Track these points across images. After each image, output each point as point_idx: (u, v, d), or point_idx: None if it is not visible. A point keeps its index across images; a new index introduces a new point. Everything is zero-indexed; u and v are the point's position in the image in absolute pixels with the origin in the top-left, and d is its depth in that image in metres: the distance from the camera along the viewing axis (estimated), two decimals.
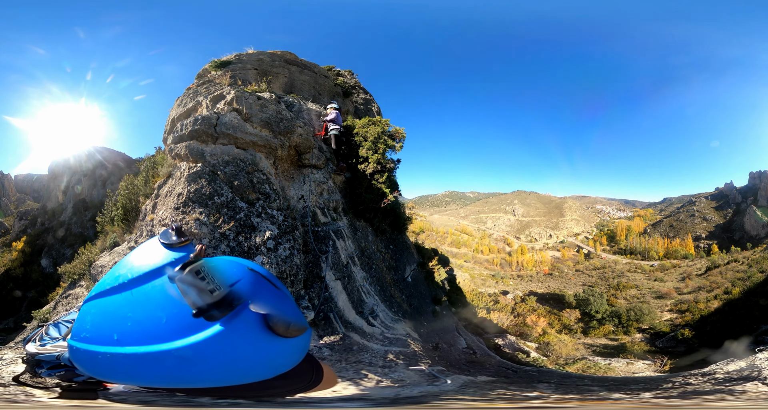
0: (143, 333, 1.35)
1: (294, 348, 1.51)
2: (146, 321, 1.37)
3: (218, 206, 4.52)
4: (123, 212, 8.15)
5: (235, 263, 1.48)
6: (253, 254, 4.27)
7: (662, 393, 4.23)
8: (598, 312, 37.81)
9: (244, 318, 1.32)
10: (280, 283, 1.60)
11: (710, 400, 3.45)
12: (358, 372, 3.91)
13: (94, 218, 17.38)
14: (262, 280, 1.47)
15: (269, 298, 1.42)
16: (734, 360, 7.28)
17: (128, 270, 1.50)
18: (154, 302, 1.40)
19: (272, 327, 1.33)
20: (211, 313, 1.28)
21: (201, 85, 6.98)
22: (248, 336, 1.32)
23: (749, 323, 26.87)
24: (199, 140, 5.18)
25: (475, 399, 3.45)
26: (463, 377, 5.15)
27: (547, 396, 3.94)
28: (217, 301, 1.28)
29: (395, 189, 9.48)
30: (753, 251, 54.53)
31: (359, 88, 14.10)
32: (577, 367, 16.48)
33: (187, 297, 1.29)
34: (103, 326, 1.43)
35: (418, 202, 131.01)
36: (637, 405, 3.32)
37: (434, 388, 3.82)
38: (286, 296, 1.56)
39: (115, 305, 1.45)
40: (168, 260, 1.51)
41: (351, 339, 4.97)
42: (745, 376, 4.77)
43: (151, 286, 1.44)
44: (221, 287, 1.31)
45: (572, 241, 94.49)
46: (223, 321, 1.29)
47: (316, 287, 5.28)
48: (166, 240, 1.57)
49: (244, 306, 1.33)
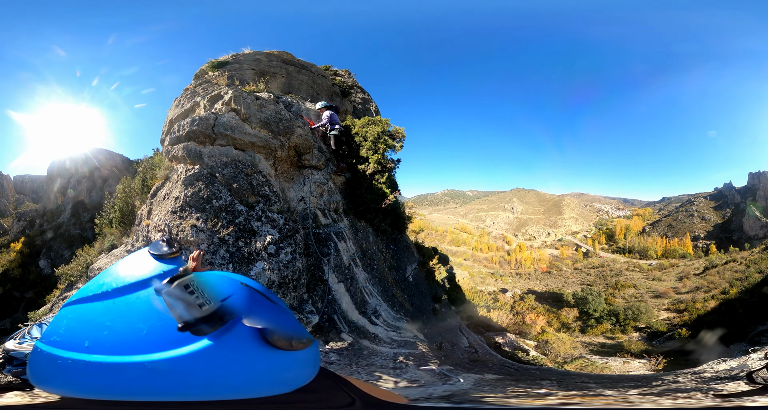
0: (118, 344, 1.31)
1: (299, 362, 1.48)
2: (124, 332, 1.33)
3: (216, 210, 4.43)
4: (120, 214, 8.09)
5: (227, 278, 1.46)
6: (253, 259, 4.19)
7: (647, 390, 4.40)
8: (596, 311, 37.94)
9: (236, 333, 1.29)
10: (276, 297, 1.59)
11: (681, 397, 3.58)
12: (372, 373, 3.90)
13: (92, 219, 17.30)
14: (256, 294, 1.45)
15: (264, 312, 1.40)
16: (726, 360, 7.39)
17: (113, 279, 1.46)
18: (137, 314, 1.36)
19: (270, 340, 1.32)
20: (199, 327, 1.25)
21: (198, 86, 6.90)
22: (241, 350, 1.30)
23: (746, 323, 27.05)
24: (196, 141, 5.09)
25: (498, 395, 3.52)
26: (473, 375, 5.21)
27: (555, 392, 4.05)
28: (206, 316, 1.26)
29: (395, 189, 9.44)
30: (751, 252, 54.70)
31: (357, 88, 14.03)
32: (575, 366, 16.53)
33: (174, 311, 1.26)
34: (77, 332, 1.39)
35: (418, 201, 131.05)
36: (619, 402, 3.45)
37: (453, 387, 3.87)
38: (283, 310, 1.54)
39: (94, 312, 1.41)
40: (156, 272, 1.46)
41: (360, 344, 4.96)
42: (732, 376, 4.97)
43: (135, 297, 1.40)
44: (211, 302, 1.28)
45: (570, 239, 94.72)
46: (212, 336, 1.26)
47: (319, 291, 5.22)
48: (155, 251, 1.53)
49: (237, 321, 1.31)
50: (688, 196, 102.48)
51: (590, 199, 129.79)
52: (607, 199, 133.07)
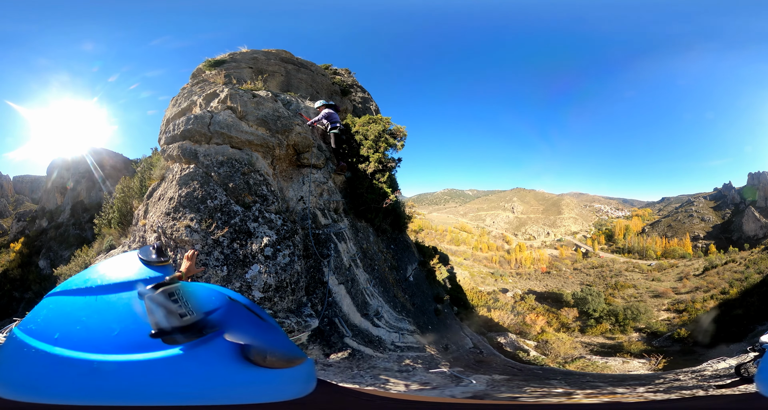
0: (86, 340, 1.30)
1: (286, 380, 1.45)
2: (96, 329, 1.33)
3: (211, 210, 4.31)
4: (119, 215, 7.98)
5: (215, 292, 1.45)
6: (249, 262, 4.07)
7: (653, 387, 4.51)
8: (596, 311, 37.89)
9: (213, 347, 1.29)
10: (266, 314, 1.58)
11: (685, 395, 3.67)
12: (377, 377, 3.82)
13: (92, 219, 17.22)
14: (244, 310, 1.44)
15: (250, 329, 1.40)
16: (725, 359, 7.47)
17: (99, 276, 1.47)
18: (113, 313, 1.36)
19: (252, 358, 1.30)
20: (173, 336, 1.24)
21: (195, 85, 6.79)
22: (212, 364, 1.28)
23: (745, 323, 27.04)
24: (192, 140, 4.97)
25: (520, 395, 3.51)
26: (483, 376, 5.21)
27: (574, 391, 4.07)
28: (184, 326, 1.25)
29: (396, 189, 9.35)
30: (750, 252, 54.69)
31: (357, 87, 13.93)
32: (575, 366, 16.52)
33: (152, 316, 1.26)
34: (52, 323, 1.39)
35: (417, 200, 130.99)
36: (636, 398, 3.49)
37: (469, 388, 3.85)
38: (272, 328, 1.54)
39: (73, 306, 1.41)
40: (142, 276, 1.46)
41: (363, 350, 4.88)
42: (730, 374, 5.09)
43: (116, 297, 1.40)
44: (193, 313, 1.28)
45: (570, 239, 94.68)
46: (185, 346, 1.25)
47: (319, 293, 5.11)
48: (145, 257, 1.53)
49: (218, 335, 1.30)
50: (688, 196, 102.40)
51: (590, 199, 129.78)
52: (606, 199, 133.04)
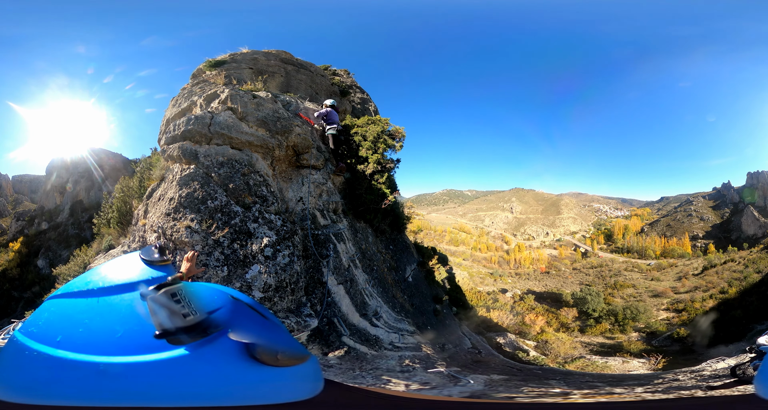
0: (89, 342, 1.29)
1: (293, 377, 1.45)
2: (99, 331, 1.32)
3: (212, 210, 4.34)
4: (118, 215, 8.01)
5: (218, 291, 1.45)
6: (249, 262, 4.10)
7: (651, 387, 4.51)
8: (595, 311, 37.94)
9: (218, 346, 1.29)
10: (269, 312, 1.58)
11: (683, 395, 3.67)
12: (379, 377, 3.84)
13: (91, 219, 17.19)
14: (247, 309, 1.44)
15: (254, 327, 1.39)
16: (724, 359, 7.49)
17: (101, 278, 1.46)
18: (116, 315, 1.35)
19: (257, 356, 1.30)
20: (178, 337, 1.24)
21: (196, 85, 6.81)
22: (219, 363, 1.28)
23: (745, 323, 27.10)
24: (192, 141, 5.00)
25: (517, 395, 3.52)
26: (481, 376, 5.21)
27: (571, 391, 4.08)
28: (188, 326, 1.25)
29: (395, 189, 9.37)
30: (749, 251, 54.78)
31: (356, 88, 13.96)
32: (575, 366, 16.53)
33: (155, 317, 1.25)
34: (54, 326, 1.38)
35: (416, 200, 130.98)
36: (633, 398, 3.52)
37: (466, 388, 3.86)
38: (275, 326, 1.53)
39: (75, 308, 1.40)
40: (144, 277, 1.46)
41: (360, 349, 4.89)
42: (728, 374, 5.06)
43: (119, 298, 1.39)
44: (196, 313, 1.27)
45: (569, 239, 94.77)
46: (190, 346, 1.25)
47: (318, 293, 5.14)
48: (147, 257, 1.53)
49: (222, 334, 1.30)
50: (687, 196, 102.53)
51: (588, 199, 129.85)
52: (605, 199, 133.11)
